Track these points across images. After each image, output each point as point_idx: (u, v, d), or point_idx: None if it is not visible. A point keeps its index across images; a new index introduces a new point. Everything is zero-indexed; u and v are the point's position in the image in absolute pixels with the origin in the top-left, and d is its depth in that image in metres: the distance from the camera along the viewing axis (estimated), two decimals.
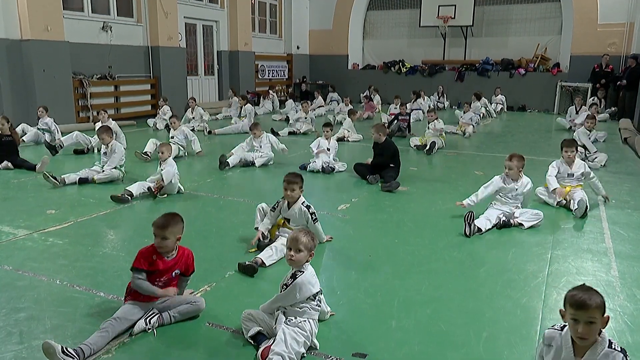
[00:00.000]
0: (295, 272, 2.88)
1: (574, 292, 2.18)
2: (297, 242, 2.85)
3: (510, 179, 5.16)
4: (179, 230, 3.14)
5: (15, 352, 2.77)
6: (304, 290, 2.83)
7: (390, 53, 19.81)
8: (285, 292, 2.85)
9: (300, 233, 2.91)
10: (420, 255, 4.31)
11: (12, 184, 6.66)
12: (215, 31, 16.25)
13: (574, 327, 2.16)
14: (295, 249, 2.85)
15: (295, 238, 2.87)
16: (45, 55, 10.76)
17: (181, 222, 3.18)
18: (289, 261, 2.90)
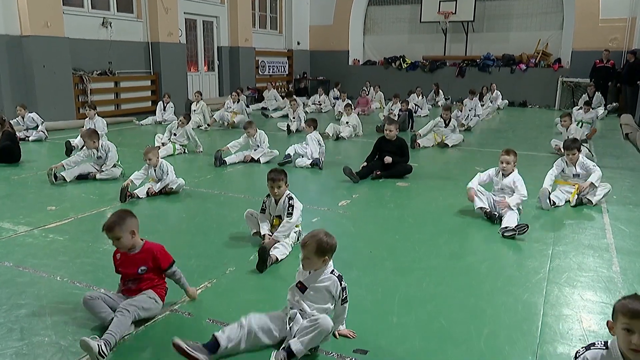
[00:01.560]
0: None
1: (626, 301, 2.04)
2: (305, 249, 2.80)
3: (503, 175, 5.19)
4: (131, 225, 3.09)
5: (16, 349, 2.77)
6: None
7: (391, 49, 19.76)
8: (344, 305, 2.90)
9: (313, 239, 2.79)
10: (421, 252, 4.30)
11: (13, 180, 6.65)
12: (215, 27, 16.21)
13: (627, 338, 1.98)
14: (304, 255, 2.81)
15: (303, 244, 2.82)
16: (45, 51, 10.74)
17: (130, 216, 3.14)
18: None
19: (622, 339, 2.01)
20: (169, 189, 5.86)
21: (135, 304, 2.91)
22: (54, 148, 8.16)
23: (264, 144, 7.90)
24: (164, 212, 5.48)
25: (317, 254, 2.76)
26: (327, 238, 2.80)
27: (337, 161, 7.74)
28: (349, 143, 9.94)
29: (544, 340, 2.90)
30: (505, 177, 5.19)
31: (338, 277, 2.88)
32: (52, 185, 6.28)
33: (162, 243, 4.40)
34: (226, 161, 7.58)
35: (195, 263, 3.97)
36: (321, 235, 2.80)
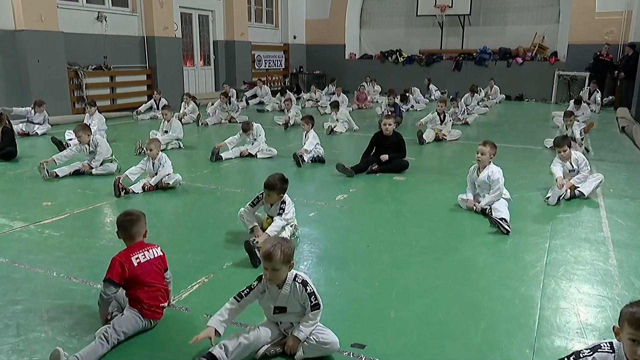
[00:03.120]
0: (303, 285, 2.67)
1: (635, 309, 1.96)
2: (272, 261, 2.55)
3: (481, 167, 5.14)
4: (144, 225, 3.00)
5: (12, 345, 2.75)
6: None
7: (388, 42, 19.70)
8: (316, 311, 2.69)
9: (274, 248, 2.56)
10: (418, 246, 4.30)
11: (8, 175, 6.62)
12: (211, 21, 16.11)
13: (633, 348, 1.95)
14: (271, 268, 2.57)
15: (269, 255, 2.56)
16: (40, 46, 10.66)
17: (142, 217, 3.01)
18: (269, 281, 2.63)
19: (629, 348, 1.98)
20: (166, 184, 5.84)
21: (119, 328, 2.74)
22: (51, 143, 8.11)
23: (260, 137, 7.88)
24: (161, 208, 5.46)
25: (285, 263, 2.58)
26: (287, 243, 2.63)
27: (334, 156, 7.71)
28: (345, 138, 9.92)
29: (541, 334, 2.91)
30: (481, 173, 5.12)
31: (301, 282, 2.65)
32: (46, 180, 6.25)
33: (159, 238, 4.38)
34: (222, 156, 7.55)
35: (192, 258, 3.96)
36: (281, 242, 2.62)
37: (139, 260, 2.86)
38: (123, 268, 2.79)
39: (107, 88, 12.89)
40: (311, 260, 3.99)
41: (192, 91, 14.77)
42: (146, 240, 3.02)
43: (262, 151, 7.81)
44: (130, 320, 2.81)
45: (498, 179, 4.99)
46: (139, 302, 2.84)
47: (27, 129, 9.46)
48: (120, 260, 2.81)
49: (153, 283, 2.91)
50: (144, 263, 2.88)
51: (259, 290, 2.69)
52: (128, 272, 2.80)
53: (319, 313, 2.69)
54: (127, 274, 2.80)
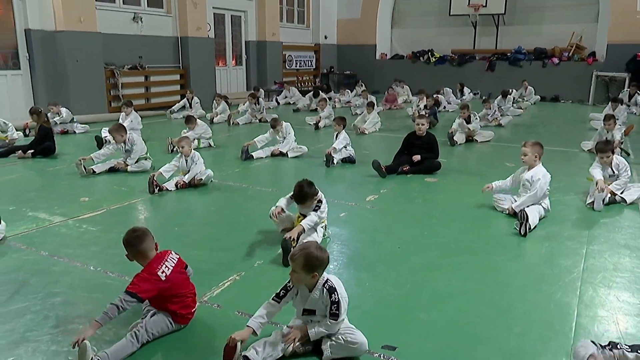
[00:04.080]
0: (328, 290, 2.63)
1: None
2: (293, 263, 2.59)
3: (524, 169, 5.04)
4: (152, 239, 2.93)
5: (51, 336, 2.84)
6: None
7: (419, 42, 19.53)
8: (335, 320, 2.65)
9: (300, 253, 2.59)
10: (449, 248, 4.24)
11: (48, 171, 6.84)
12: (243, 21, 16.29)
13: None
14: (292, 269, 2.61)
15: (292, 256, 2.61)
16: (78, 46, 10.98)
17: (148, 232, 2.94)
18: (293, 282, 2.67)
19: None
20: (198, 180, 5.93)
21: (150, 330, 2.77)
22: (90, 141, 8.35)
23: (290, 135, 7.92)
24: (193, 205, 5.55)
25: (305, 270, 2.55)
26: (317, 252, 2.58)
27: (364, 156, 7.69)
28: (375, 138, 9.88)
29: (578, 341, 2.83)
30: (527, 171, 5.02)
31: (328, 289, 2.62)
32: (84, 177, 6.43)
33: (191, 236, 4.50)
34: (253, 155, 7.62)
35: (223, 256, 4.01)
36: (311, 249, 2.58)
37: (165, 273, 2.79)
38: (151, 285, 2.73)
39: (142, 87, 13.18)
40: (341, 261, 3.98)
41: (223, 91, 14.97)
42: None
43: (293, 149, 7.85)
44: (161, 324, 2.83)
45: (539, 180, 4.85)
46: (170, 312, 2.87)
47: (66, 127, 9.74)
48: (147, 278, 2.74)
49: (183, 293, 2.91)
50: (170, 275, 2.82)
51: (294, 292, 2.71)
52: (157, 291, 2.76)
53: (335, 324, 2.65)
54: (155, 292, 2.75)
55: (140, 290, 2.69)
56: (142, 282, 2.72)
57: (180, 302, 2.89)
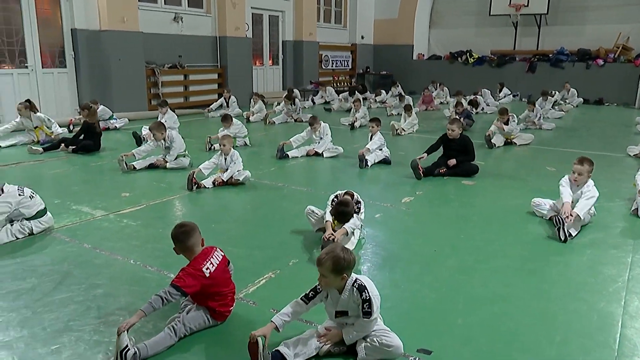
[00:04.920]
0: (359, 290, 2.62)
1: None
2: (322, 267, 2.58)
3: (576, 185, 4.72)
4: (199, 235, 2.98)
5: (93, 326, 2.93)
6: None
7: (457, 43, 19.24)
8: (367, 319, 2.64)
9: (327, 257, 2.57)
10: (486, 252, 4.17)
11: (91, 167, 7.06)
12: (281, 21, 16.41)
13: None
14: (321, 273, 2.61)
15: (319, 261, 2.60)
16: (121, 45, 11.28)
17: (196, 228, 2.98)
18: (322, 286, 2.67)
19: None
20: (235, 180, 6.01)
21: (188, 324, 2.83)
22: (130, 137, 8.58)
23: (327, 136, 7.93)
24: (229, 203, 5.62)
25: (334, 272, 2.56)
26: (344, 254, 2.57)
27: (400, 157, 7.63)
28: (412, 139, 9.79)
29: (622, 353, 2.73)
30: (577, 190, 4.73)
31: (358, 288, 2.61)
32: (125, 172, 6.61)
33: (228, 233, 4.56)
34: (288, 155, 7.67)
35: (259, 253, 4.05)
36: (337, 252, 2.57)
37: (209, 270, 2.82)
38: (196, 280, 2.77)
39: (181, 86, 13.43)
40: (376, 262, 3.97)
41: (260, 90, 15.10)
42: (212, 239, 3.05)
43: (329, 150, 7.86)
44: (199, 320, 2.88)
45: (593, 188, 4.64)
46: (209, 308, 2.91)
47: (106, 124, 10.02)
48: (192, 273, 2.78)
49: (224, 292, 2.95)
50: (214, 272, 2.85)
51: (323, 295, 2.71)
52: (201, 287, 2.79)
53: (369, 322, 2.64)
54: (199, 287, 2.79)
55: (185, 284, 2.74)
56: (187, 277, 2.76)
57: (221, 299, 2.94)
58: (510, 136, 9.05)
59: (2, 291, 3.35)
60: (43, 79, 10.68)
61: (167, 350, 2.71)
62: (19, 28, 10.17)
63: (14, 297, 3.26)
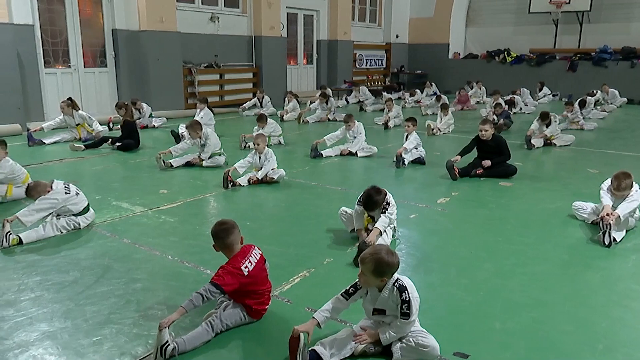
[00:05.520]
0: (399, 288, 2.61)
1: None
2: (363, 266, 2.59)
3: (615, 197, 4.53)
4: (238, 232, 3.00)
5: (133, 319, 3.01)
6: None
7: (495, 41, 18.86)
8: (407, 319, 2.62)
9: (371, 257, 2.57)
10: (525, 256, 4.07)
11: (130, 164, 7.24)
12: (315, 20, 16.44)
13: None
14: (361, 271, 2.62)
15: (362, 259, 2.61)
16: (159, 45, 11.52)
17: (236, 225, 3.00)
18: (361, 283, 2.68)
19: None
20: (270, 178, 6.05)
21: (224, 320, 2.87)
22: (168, 135, 8.76)
23: (361, 135, 7.90)
24: (264, 201, 5.67)
25: (374, 274, 2.56)
26: (388, 257, 2.55)
27: (435, 157, 7.54)
28: (447, 139, 9.66)
29: None
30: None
31: (398, 288, 2.59)
32: (162, 170, 6.75)
33: (262, 230, 4.60)
34: (322, 154, 7.68)
35: (293, 251, 4.07)
36: (382, 254, 2.55)
37: (248, 268, 2.85)
38: (235, 279, 2.79)
39: (217, 85, 13.63)
40: (410, 263, 3.93)
41: (294, 89, 15.18)
42: (247, 236, 3.05)
43: (363, 149, 7.84)
44: (235, 316, 2.92)
45: (636, 192, 4.48)
46: (246, 305, 2.94)
47: (145, 122, 10.26)
48: (231, 272, 2.81)
49: (261, 290, 2.98)
50: (253, 271, 2.87)
51: (363, 291, 2.70)
52: (239, 285, 2.81)
53: (407, 324, 2.62)
54: (237, 286, 2.81)
55: (224, 283, 2.77)
56: (227, 275, 2.80)
57: (257, 297, 2.96)
58: (551, 137, 8.81)
59: (47, 283, 3.47)
60: (85, 78, 11.02)
61: (204, 345, 2.75)
62: (62, 29, 10.51)
63: (58, 289, 3.38)
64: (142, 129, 9.93)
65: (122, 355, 2.65)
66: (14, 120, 9.24)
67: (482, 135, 6.54)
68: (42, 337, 2.81)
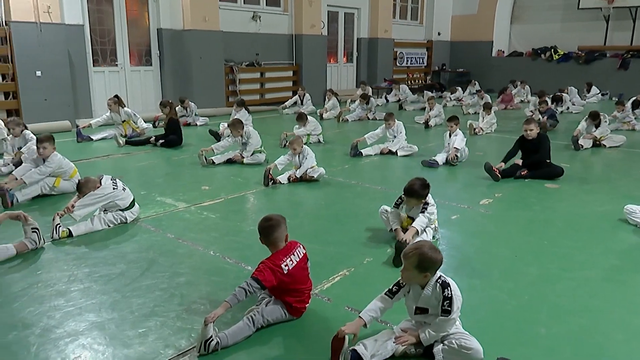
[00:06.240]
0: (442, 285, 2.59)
1: None
2: (406, 261, 2.59)
3: None
4: (284, 229, 3.00)
5: (177, 312, 3.07)
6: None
7: (541, 38, 18.30)
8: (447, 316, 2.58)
9: (414, 252, 2.56)
10: (572, 260, 3.94)
11: (173, 160, 7.40)
12: (356, 18, 16.38)
13: None
14: (404, 267, 2.61)
15: (405, 255, 2.60)
16: (202, 44, 11.74)
17: (282, 222, 3.00)
18: (403, 279, 2.67)
19: None
20: (310, 176, 6.07)
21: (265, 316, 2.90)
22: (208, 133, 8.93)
23: (401, 134, 7.83)
24: (304, 199, 5.69)
25: (417, 269, 2.54)
26: (431, 252, 2.54)
27: (478, 157, 7.39)
28: (490, 139, 9.45)
29: None
30: None
31: (441, 284, 2.57)
32: (204, 167, 6.87)
33: (302, 228, 4.62)
34: (362, 152, 7.65)
35: (333, 250, 4.07)
36: (425, 249, 2.55)
37: (288, 267, 2.86)
38: (274, 275, 2.81)
39: (257, 83, 13.77)
40: (452, 265, 3.85)
41: (333, 87, 15.16)
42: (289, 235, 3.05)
43: (403, 148, 7.76)
44: (276, 313, 2.94)
45: None
46: (286, 303, 2.96)
47: (188, 120, 10.48)
48: (272, 268, 2.82)
49: (301, 289, 2.99)
50: (293, 269, 2.88)
51: (406, 289, 2.68)
52: (278, 281, 2.82)
53: (447, 322, 2.57)
54: (276, 282, 2.82)
55: (264, 278, 2.79)
56: (267, 271, 2.82)
57: (298, 295, 2.98)
58: (600, 138, 8.49)
59: (96, 275, 3.59)
60: (131, 77, 11.34)
61: (245, 340, 2.79)
62: (110, 29, 10.86)
63: (106, 281, 3.49)
64: (185, 126, 10.14)
65: (166, 348, 2.72)
66: (64, 117, 9.61)
67: (528, 135, 6.37)
68: (91, 327, 2.91)
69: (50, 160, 5.37)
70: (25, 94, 9.22)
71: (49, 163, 5.36)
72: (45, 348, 2.71)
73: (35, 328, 2.90)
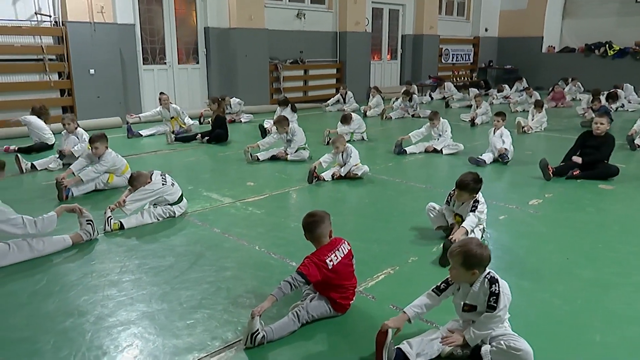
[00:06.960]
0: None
1: None
2: (452, 259, 2.57)
3: None
4: (328, 225, 3.00)
5: (224, 305, 3.13)
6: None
7: (595, 34, 17.57)
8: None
9: (459, 250, 2.53)
10: (629, 265, 3.76)
11: (219, 156, 7.55)
12: (401, 15, 16.20)
13: None
14: (451, 265, 2.58)
15: (451, 253, 2.57)
16: (248, 42, 11.89)
17: (326, 218, 3.00)
18: (452, 278, 2.64)
19: None
20: (354, 174, 6.06)
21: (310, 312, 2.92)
22: (254, 130, 9.04)
23: (446, 132, 7.70)
24: (347, 196, 5.68)
25: (464, 266, 2.50)
26: (477, 249, 2.49)
27: (527, 157, 7.17)
28: (539, 138, 9.16)
29: None
30: None
31: (489, 280, 2.51)
32: (249, 163, 6.97)
33: (346, 226, 4.62)
34: (406, 150, 7.57)
35: (377, 248, 4.04)
36: (471, 246, 2.51)
37: (333, 262, 2.86)
38: (319, 270, 2.82)
39: (301, 81, 13.84)
40: (500, 266, 3.75)
41: (377, 85, 15.06)
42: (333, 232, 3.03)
43: (448, 146, 7.63)
44: (321, 308, 2.95)
45: None
46: (331, 299, 2.97)
47: (233, 117, 10.64)
48: (316, 263, 2.83)
49: (346, 285, 2.98)
50: (337, 265, 2.88)
51: (455, 287, 2.63)
52: (322, 276, 2.83)
53: (491, 318, 2.51)
54: (321, 277, 2.83)
55: (309, 273, 2.81)
56: (312, 265, 2.83)
57: (342, 292, 2.98)
58: None
59: (146, 266, 3.70)
60: (178, 74, 11.62)
61: (290, 335, 2.81)
62: (160, 28, 11.15)
63: (155, 273, 3.59)
64: (230, 123, 10.31)
65: (214, 340, 2.77)
66: (115, 113, 9.96)
67: (597, 128, 6.08)
68: (142, 317, 3.00)
69: (104, 159, 5.56)
70: (79, 91, 9.60)
71: (104, 162, 5.55)
72: (100, 335, 2.81)
73: (89, 316, 3.01)
